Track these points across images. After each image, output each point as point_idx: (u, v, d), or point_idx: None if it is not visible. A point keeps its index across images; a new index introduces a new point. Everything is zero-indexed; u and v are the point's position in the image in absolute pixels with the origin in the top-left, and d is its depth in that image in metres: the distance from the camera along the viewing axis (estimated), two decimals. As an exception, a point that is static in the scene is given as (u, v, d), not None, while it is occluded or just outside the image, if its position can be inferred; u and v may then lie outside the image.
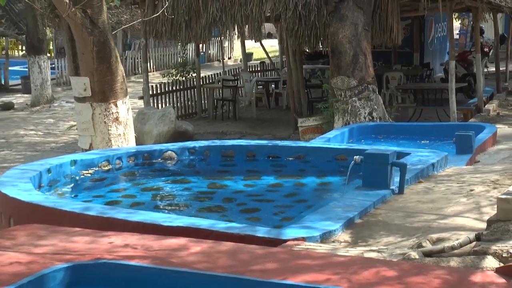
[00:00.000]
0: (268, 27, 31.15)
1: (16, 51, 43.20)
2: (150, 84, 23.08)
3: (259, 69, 30.58)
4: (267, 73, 30.24)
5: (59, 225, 7.78)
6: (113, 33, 13.08)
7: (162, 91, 23.83)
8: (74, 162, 11.80)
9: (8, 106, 29.14)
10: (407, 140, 15.37)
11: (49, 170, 11.12)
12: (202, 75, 25.22)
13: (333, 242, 7.58)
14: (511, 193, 7.53)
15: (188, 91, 24.70)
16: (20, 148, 21.18)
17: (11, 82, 34.56)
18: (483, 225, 7.53)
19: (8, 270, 6.29)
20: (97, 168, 11.98)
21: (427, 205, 9.00)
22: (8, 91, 33.35)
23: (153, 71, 35.50)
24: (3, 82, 34.49)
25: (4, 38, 36.52)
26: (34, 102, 29.53)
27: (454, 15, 26.49)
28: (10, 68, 35.11)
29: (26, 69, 31.35)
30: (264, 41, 28.81)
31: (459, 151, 13.23)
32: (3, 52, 39.18)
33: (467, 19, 34.77)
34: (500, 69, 26.03)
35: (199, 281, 6.19)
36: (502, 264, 6.28)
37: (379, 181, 9.49)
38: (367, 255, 6.76)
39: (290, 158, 12.91)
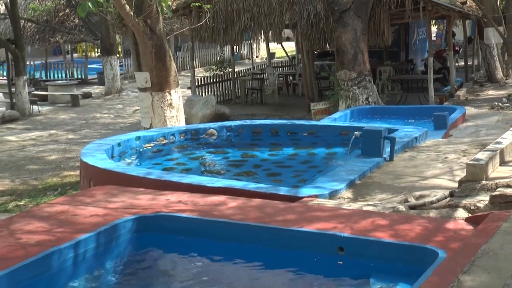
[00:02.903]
0: (287, 32, 30.97)
1: (93, 53, 43.26)
2: (196, 77, 23.13)
3: (280, 65, 30.51)
4: (286, 68, 30.12)
5: (127, 186, 7.82)
6: (167, 38, 13.08)
7: (205, 82, 23.85)
8: (138, 138, 11.85)
9: (87, 95, 29.28)
10: (396, 119, 15.28)
11: (119, 144, 11.18)
12: (236, 70, 25.17)
13: (339, 198, 7.57)
14: (477, 160, 7.49)
15: (225, 82, 24.68)
16: (97, 127, 21.29)
17: (89, 77, 34.69)
18: (455, 185, 7.50)
19: (89, 220, 6.34)
20: (156, 142, 12.01)
21: (412, 169, 8.98)
22: (87, 83, 33.49)
23: (198, 67, 35.38)
24: (83, 77, 34.65)
25: (84, 43, 36.57)
26: (107, 92, 29.63)
27: (432, 21, 26.24)
28: (88, 66, 35.25)
29: (101, 67, 31.41)
30: (284, 43, 28.73)
31: (436, 127, 13.16)
32: (83, 54, 39.29)
33: (442, 25, 34.46)
34: (468, 63, 25.89)
35: (235, 228, 6.22)
36: (470, 215, 6.26)
37: (374, 151, 9.47)
38: (365, 208, 6.75)
39: (305, 134, 12.90)
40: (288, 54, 30.97)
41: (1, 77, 34.26)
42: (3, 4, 22.85)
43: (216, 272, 6.11)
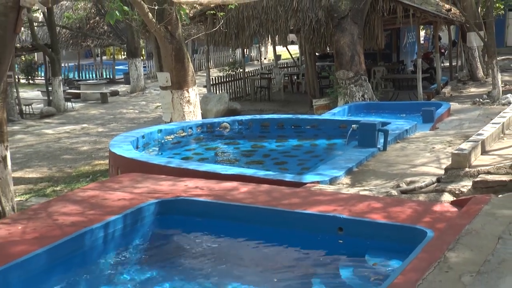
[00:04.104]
0: (292, 36, 30.84)
1: (120, 55, 43.26)
2: (210, 77, 23.11)
3: (285, 65, 30.46)
4: (291, 68, 30.06)
5: (150, 173, 7.83)
6: (185, 42, 13.06)
7: (219, 81, 23.81)
8: (160, 131, 11.87)
9: (115, 93, 29.30)
10: (389, 113, 15.24)
11: (143, 136, 11.19)
12: (246, 70, 25.13)
13: (338, 184, 7.56)
14: (461, 149, 7.47)
15: (237, 81, 24.64)
16: (123, 122, 21.32)
17: (117, 77, 34.75)
18: (442, 172, 7.48)
19: (116, 204, 6.35)
20: (175, 135, 12.02)
21: (403, 158, 8.95)
22: (114, 83, 33.54)
23: (213, 68, 35.29)
24: (111, 77, 34.71)
25: (111, 46, 36.61)
26: (132, 90, 29.66)
27: (420, 27, 26.10)
28: (116, 67, 35.31)
29: (127, 68, 31.45)
30: (289, 46, 28.62)
31: (424, 121, 13.14)
32: (111, 56, 39.34)
33: (429, 30, 34.26)
34: (452, 64, 25.81)
35: (246, 211, 6.22)
36: (455, 199, 6.25)
37: (369, 142, 9.46)
38: (362, 193, 6.73)
39: (308, 127, 12.88)
40: (293, 56, 30.88)
41: (39, 78, 34.43)
42: (41, 13, 22.90)
43: (228, 250, 6.12)
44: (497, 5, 25.00)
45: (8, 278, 4.85)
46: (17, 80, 26.65)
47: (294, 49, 34.19)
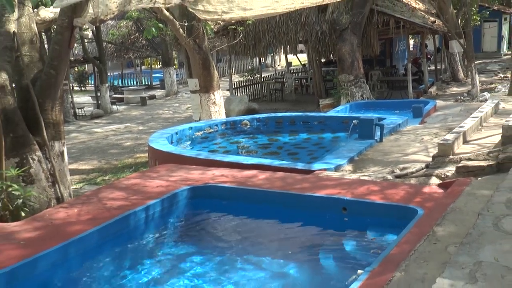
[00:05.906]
0: (301, 46, 30.74)
1: (156, 65, 43.33)
2: (232, 82, 23.10)
3: (296, 71, 30.35)
4: (300, 73, 29.96)
5: (183, 164, 7.86)
6: (210, 52, 13.08)
7: (240, 85, 23.81)
8: (190, 128, 11.90)
9: (152, 97, 29.37)
10: (384, 110, 15.16)
11: (176, 133, 11.23)
12: (262, 75, 25.09)
13: (342, 171, 7.55)
14: (446, 140, 7.44)
15: (255, 85, 24.61)
16: (160, 121, 21.38)
17: (154, 83, 34.83)
18: (430, 159, 7.45)
19: (155, 190, 6.39)
20: (204, 131, 12.04)
21: (396, 148, 8.92)
22: (152, 88, 33.62)
23: (234, 74, 35.15)
24: (149, 83, 34.82)
25: (149, 58, 36.72)
26: (166, 94, 29.72)
27: (410, 36, 25.91)
28: (153, 75, 35.42)
29: (162, 75, 31.52)
30: (298, 55, 28.58)
31: (414, 116, 13.06)
32: (149, 66, 39.48)
33: (417, 39, 34.01)
34: (437, 67, 25.62)
35: (263, 194, 6.23)
36: (441, 181, 6.21)
37: (368, 135, 9.44)
38: (362, 178, 6.72)
39: (315, 123, 12.84)
40: (302, 62, 30.79)
41: (89, 85, 34.66)
42: (91, 31, 23.05)
43: (250, 227, 6.14)
44: (474, 17, 24.75)
45: (67, 252, 4.91)
46: (71, 88, 26.83)
47: (303, 57, 34.09)
